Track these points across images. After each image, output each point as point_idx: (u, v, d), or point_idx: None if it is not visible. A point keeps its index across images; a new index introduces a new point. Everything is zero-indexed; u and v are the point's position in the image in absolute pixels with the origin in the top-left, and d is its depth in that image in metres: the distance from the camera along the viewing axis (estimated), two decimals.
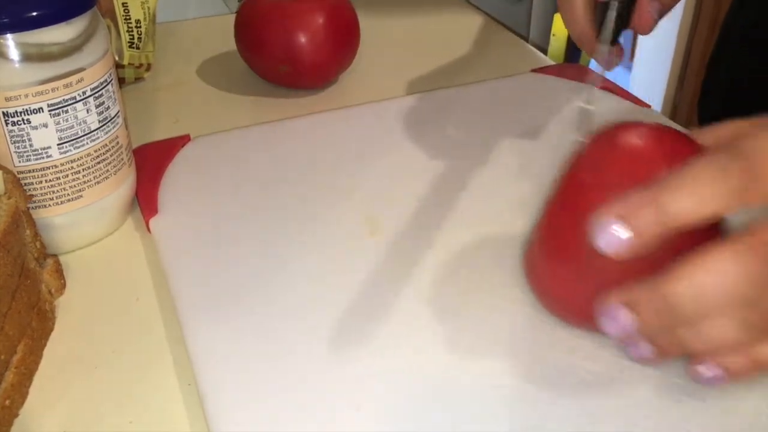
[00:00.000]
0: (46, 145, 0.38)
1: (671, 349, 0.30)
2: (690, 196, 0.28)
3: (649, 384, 0.32)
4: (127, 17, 0.57)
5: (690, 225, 0.28)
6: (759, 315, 0.28)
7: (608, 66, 0.44)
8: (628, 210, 0.28)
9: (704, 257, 0.28)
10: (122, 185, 0.43)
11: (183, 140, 0.50)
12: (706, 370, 0.30)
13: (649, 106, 0.55)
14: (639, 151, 0.32)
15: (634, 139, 0.32)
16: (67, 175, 0.39)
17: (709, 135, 0.32)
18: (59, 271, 0.39)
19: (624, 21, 0.43)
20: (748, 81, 0.62)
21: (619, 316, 0.29)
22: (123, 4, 0.56)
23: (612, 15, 0.42)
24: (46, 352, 0.36)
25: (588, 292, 0.31)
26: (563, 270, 0.34)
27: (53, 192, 0.39)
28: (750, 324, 0.28)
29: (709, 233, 0.29)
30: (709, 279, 0.28)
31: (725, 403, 0.31)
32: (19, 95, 0.36)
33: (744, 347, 0.29)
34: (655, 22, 0.44)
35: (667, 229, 0.28)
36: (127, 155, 0.43)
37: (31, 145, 0.38)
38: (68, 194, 0.40)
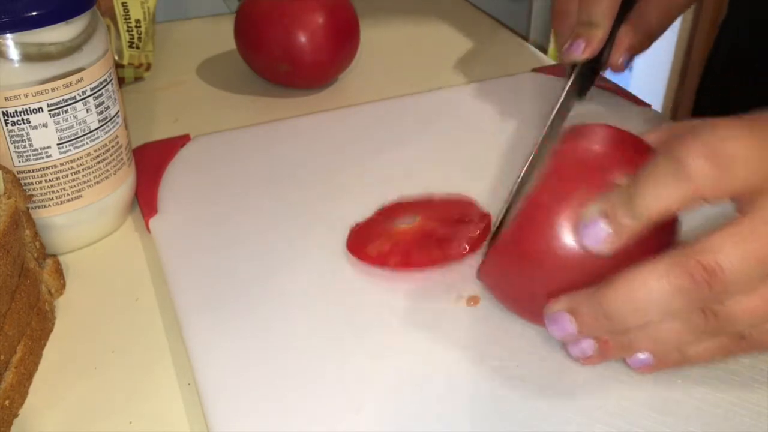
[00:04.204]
0: (45, 145, 0.38)
1: (614, 349, 0.31)
2: (654, 192, 0.29)
3: (648, 385, 0.32)
4: (127, 17, 0.57)
5: (658, 219, 0.29)
6: (703, 320, 0.29)
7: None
8: (609, 206, 0.30)
9: (639, 270, 0.29)
10: (122, 185, 0.43)
11: (183, 140, 0.50)
12: (640, 355, 0.31)
13: (650, 106, 0.55)
14: (592, 161, 0.32)
15: (586, 149, 0.33)
16: (67, 175, 0.39)
17: (653, 136, 0.33)
18: (59, 271, 0.39)
19: (593, 73, 0.49)
20: (738, 100, 0.63)
21: (561, 321, 0.31)
22: (123, 3, 0.56)
23: (579, 71, 0.46)
24: (46, 352, 0.36)
25: (544, 296, 0.32)
26: (527, 274, 0.33)
27: (53, 192, 0.39)
28: (695, 326, 0.29)
29: (660, 245, 0.30)
30: (640, 292, 0.29)
31: (725, 403, 0.31)
32: (19, 95, 0.36)
33: (685, 345, 0.31)
34: (627, 65, 0.48)
35: (641, 225, 0.29)
36: (126, 155, 0.43)
37: (30, 145, 0.37)
38: (68, 194, 0.40)
